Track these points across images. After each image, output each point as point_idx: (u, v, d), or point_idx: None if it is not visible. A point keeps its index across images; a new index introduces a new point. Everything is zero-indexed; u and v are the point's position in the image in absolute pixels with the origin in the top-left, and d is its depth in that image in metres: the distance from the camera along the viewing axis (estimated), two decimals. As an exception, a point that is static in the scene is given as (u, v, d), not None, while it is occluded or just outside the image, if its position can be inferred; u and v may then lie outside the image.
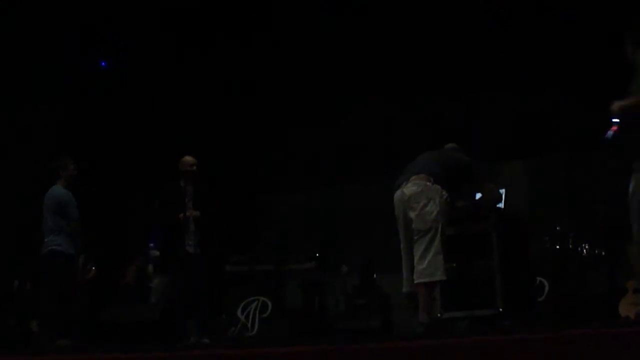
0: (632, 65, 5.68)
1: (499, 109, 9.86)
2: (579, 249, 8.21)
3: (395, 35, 10.33)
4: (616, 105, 5.55)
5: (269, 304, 9.09)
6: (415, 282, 6.13)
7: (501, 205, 7.01)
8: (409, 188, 6.23)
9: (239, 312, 9.13)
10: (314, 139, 11.18)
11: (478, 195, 6.83)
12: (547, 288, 7.92)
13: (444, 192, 6.22)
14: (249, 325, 9.07)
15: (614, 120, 5.55)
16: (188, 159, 8.73)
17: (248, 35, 11.42)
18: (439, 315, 6.24)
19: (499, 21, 9.77)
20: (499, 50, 9.70)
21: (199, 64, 11.38)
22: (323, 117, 10.97)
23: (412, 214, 6.18)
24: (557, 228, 8.37)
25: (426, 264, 6.06)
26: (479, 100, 9.96)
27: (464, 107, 9.99)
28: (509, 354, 4.10)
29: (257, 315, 9.11)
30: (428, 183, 6.21)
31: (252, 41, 11.41)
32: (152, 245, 9.82)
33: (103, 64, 12.30)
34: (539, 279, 7.74)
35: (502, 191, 7.10)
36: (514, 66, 9.64)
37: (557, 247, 8.30)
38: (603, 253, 8.16)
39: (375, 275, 9.39)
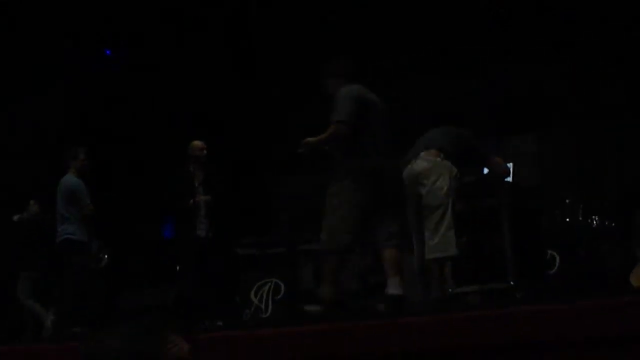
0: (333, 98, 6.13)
1: (508, 82, 9.82)
2: (589, 220, 8.21)
3: (398, 10, 10.28)
4: (307, 141, 6.10)
5: (282, 285, 9.11)
6: (427, 257, 6.17)
7: (509, 179, 7.02)
8: (419, 164, 6.25)
9: (252, 295, 9.15)
10: (323, 120, 11.16)
11: (486, 171, 6.86)
12: (558, 261, 7.92)
13: (453, 168, 6.24)
14: (263, 307, 9.09)
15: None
16: (198, 143, 8.75)
17: (255, 14, 11.40)
18: (450, 290, 6.26)
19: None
20: (507, 22, 9.64)
21: (206, 44, 11.37)
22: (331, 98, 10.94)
23: (422, 190, 6.20)
24: (567, 200, 8.37)
25: (438, 240, 6.09)
26: (487, 73, 9.92)
27: (472, 81, 9.94)
28: (521, 326, 4.13)
29: (270, 297, 9.13)
30: (438, 159, 6.23)
31: (262, 19, 11.38)
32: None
33: (108, 52, 12.30)
34: (549, 251, 7.74)
35: (510, 165, 7.12)
36: (523, 38, 9.60)
37: (567, 219, 8.31)
38: (613, 224, 8.16)
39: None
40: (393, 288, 5.85)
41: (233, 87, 11.41)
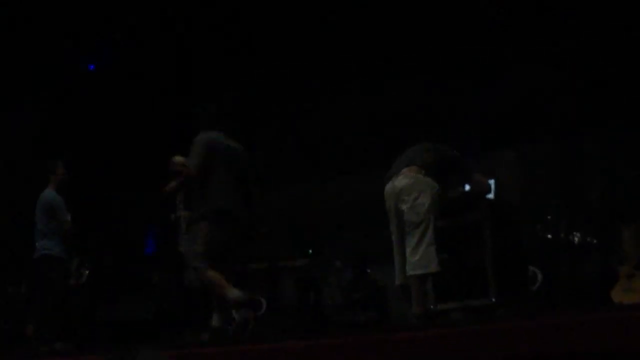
0: None
1: (488, 98, 9.85)
2: (571, 237, 8.25)
3: (378, 24, 10.30)
4: (168, 187, 6.75)
5: (264, 302, 9.09)
6: (409, 274, 6.15)
7: (491, 195, 7.03)
8: (400, 180, 6.25)
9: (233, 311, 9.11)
10: (300, 134, 11.16)
11: (467, 187, 6.86)
12: (539, 277, 7.94)
13: (435, 184, 6.25)
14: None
15: None
16: (178, 159, 8.73)
17: (235, 30, 11.40)
18: (432, 307, 6.25)
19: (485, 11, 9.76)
20: (486, 38, 9.68)
21: (184, 57, 11.36)
22: (309, 111, 10.94)
23: (403, 207, 6.20)
24: (549, 217, 8.40)
25: (419, 256, 6.07)
26: (468, 90, 9.94)
27: (452, 97, 9.96)
28: (503, 342, 4.13)
29: (251, 313, 9.09)
30: (419, 175, 6.23)
31: (243, 35, 11.38)
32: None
33: (91, 67, 12.27)
34: (531, 268, 7.76)
35: (492, 182, 7.13)
36: (501, 54, 9.63)
37: (549, 236, 8.34)
38: (595, 241, 8.19)
39: (369, 270, 9.41)
40: (218, 321, 6.66)
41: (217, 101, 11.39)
